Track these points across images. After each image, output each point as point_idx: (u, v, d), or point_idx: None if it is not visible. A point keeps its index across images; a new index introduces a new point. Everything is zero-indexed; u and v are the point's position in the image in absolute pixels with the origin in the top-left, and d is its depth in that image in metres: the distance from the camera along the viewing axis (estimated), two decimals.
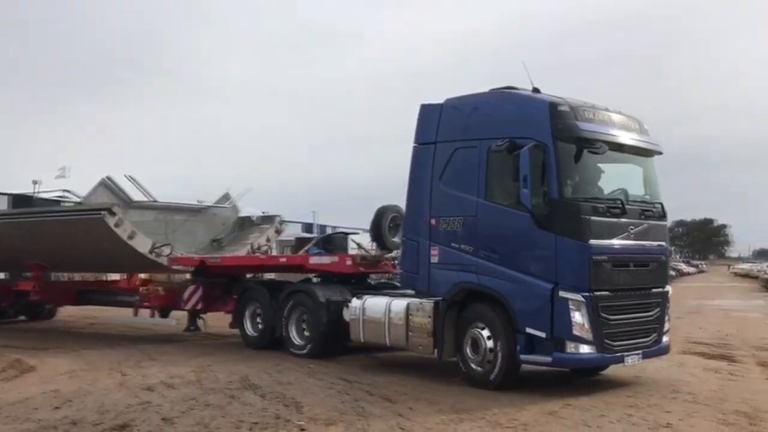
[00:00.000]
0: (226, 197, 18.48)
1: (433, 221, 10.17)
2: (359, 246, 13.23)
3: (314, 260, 12.08)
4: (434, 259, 10.14)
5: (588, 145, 8.98)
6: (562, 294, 8.76)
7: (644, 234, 9.51)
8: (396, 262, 12.74)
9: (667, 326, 9.98)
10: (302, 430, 7.30)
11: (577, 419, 7.79)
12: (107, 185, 18.65)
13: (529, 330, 9.00)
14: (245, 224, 17.77)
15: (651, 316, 9.62)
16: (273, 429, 7.31)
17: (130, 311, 16.57)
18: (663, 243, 9.95)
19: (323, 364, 11.19)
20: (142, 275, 17.09)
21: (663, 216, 9.94)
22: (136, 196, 18.27)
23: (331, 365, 11.12)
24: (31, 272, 17.19)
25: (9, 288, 18.38)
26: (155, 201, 17.15)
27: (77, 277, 20.29)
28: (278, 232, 17.11)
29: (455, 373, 9.81)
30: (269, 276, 14.88)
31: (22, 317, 19.30)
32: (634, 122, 9.90)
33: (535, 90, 9.59)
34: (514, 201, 9.24)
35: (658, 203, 9.91)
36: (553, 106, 9.08)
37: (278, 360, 11.53)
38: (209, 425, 7.40)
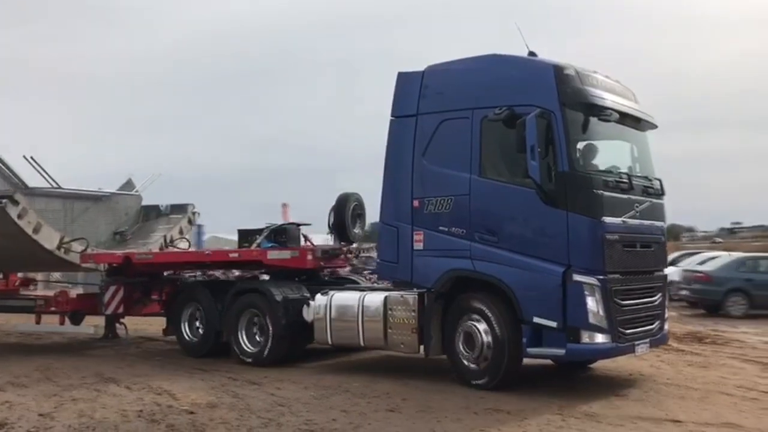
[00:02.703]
0: (129, 184, 16.19)
1: (416, 203, 9.02)
2: (306, 238, 11.82)
3: (273, 255, 10.55)
4: (418, 246, 8.99)
5: (598, 112, 8.12)
6: (576, 277, 7.82)
7: (648, 212, 8.76)
8: (355, 254, 11.57)
9: (667, 313, 9.29)
10: (191, 413, 7.27)
11: None
12: None
13: (536, 320, 8.01)
14: (150, 214, 15.62)
15: (655, 301, 8.86)
16: (161, 415, 7.23)
17: (27, 317, 14.19)
18: (663, 223, 9.25)
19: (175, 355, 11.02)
20: (20, 275, 14.76)
21: (662, 193, 9.23)
22: (33, 181, 15.53)
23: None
24: None
25: None
26: (59, 187, 14.73)
27: None
28: (191, 222, 15.27)
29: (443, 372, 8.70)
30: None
31: None
32: (631, 93, 9.17)
33: (531, 54, 8.67)
34: (515, 176, 8.31)
35: (657, 179, 9.19)
36: (558, 70, 8.16)
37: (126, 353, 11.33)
38: (93, 416, 7.23)
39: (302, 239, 11.63)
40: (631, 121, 8.83)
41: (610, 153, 8.89)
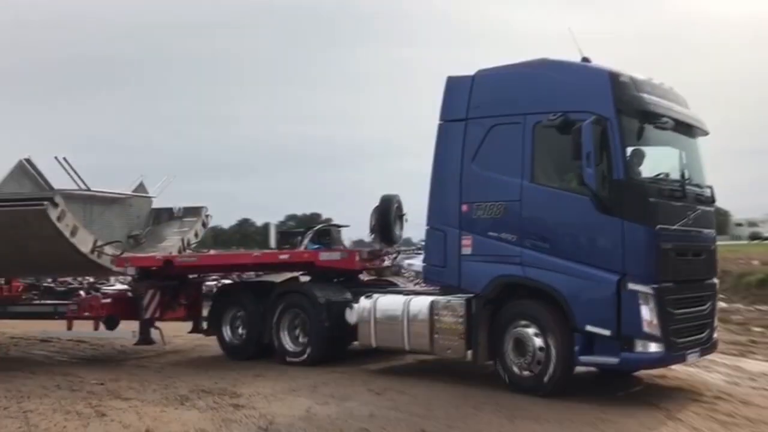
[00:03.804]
0: (141, 186, 15.98)
1: (464, 207, 8.99)
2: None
3: (324, 256, 10.60)
4: (466, 250, 8.96)
5: (654, 119, 8.06)
6: (631, 286, 7.77)
7: (699, 220, 8.69)
8: (393, 257, 11.59)
9: (716, 321, 9.22)
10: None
11: None
12: (26, 170, 15.53)
13: (589, 328, 7.97)
14: (162, 217, 15.42)
15: (705, 309, 8.79)
16: (80, 392, 8.14)
17: (51, 323, 14.12)
18: (713, 230, 9.18)
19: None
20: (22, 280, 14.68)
21: (713, 201, 9.15)
22: (58, 183, 15.35)
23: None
24: None
25: None
26: (87, 189, 14.59)
27: None
28: (205, 225, 15.09)
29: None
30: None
31: None
32: (683, 99, 9.09)
33: (585, 59, 8.60)
34: (568, 183, 8.27)
35: (708, 187, 9.11)
36: (614, 77, 8.10)
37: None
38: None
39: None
40: (684, 127, 8.74)
41: (663, 160, 8.79)
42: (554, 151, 8.38)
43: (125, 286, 15.66)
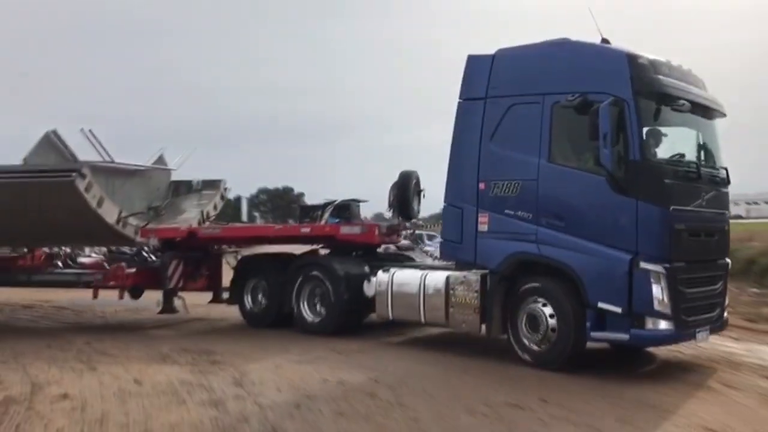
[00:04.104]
0: (161, 159, 16.17)
1: (482, 185, 9.18)
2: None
3: (345, 230, 10.90)
4: (483, 227, 9.17)
5: (671, 101, 8.17)
6: (643, 265, 7.95)
7: (712, 201, 8.83)
8: (410, 231, 11.83)
9: (727, 300, 9.39)
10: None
11: None
12: (52, 142, 15.78)
13: (601, 305, 8.17)
14: (180, 189, 15.66)
15: (716, 289, 8.98)
16: (70, 351, 9.31)
17: (75, 292, 14.50)
18: (726, 211, 9.31)
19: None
20: (45, 249, 14.99)
21: (728, 182, 9.27)
22: (83, 155, 15.61)
23: None
24: None
25: None
26: (112, 161, 14.83)
27: None
28: (223, 198, 15.34)
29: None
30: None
31: None
32: (701, 81, 9.17)
33: (605, 41, 8.70)
34: (585, 162, 8.41)
35: (723, 168, 9.23)
36: (632, 58, 8.20)
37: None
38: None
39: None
40: (701, 109, 8.84)
41: (679, 141, 8.91)
42: (572, 131, 8.51)
43: (101, 257, 16.00)
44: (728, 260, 9.40)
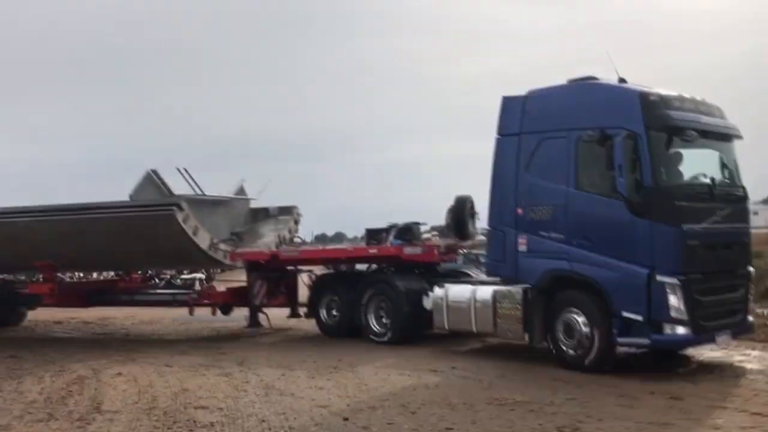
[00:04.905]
0: (242, 190, 17.95)
1: (519, 210, 10.45)
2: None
3: (408, 250, 12.41)
4: (522, 248, 10.43)
5: (679, 133, 9.24)
6: (659, 278, 9.06)
7: (729, 217, 9.81)
8: (465, 251, 13.16)
9: (751, 306, 10.32)
10: None
11: None
12: (151, 180, 17.84)
13: (625, 314, 9.31)
14: (259, 216, 17.23)
15: (737, 296, 9.95)
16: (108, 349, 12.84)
17: (175, 310, 16.51)
18: (746, 224, 10.25)
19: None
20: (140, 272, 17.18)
21: (745, 198, 10.23)
22: (177, 189, 17.62)
23: None
24: (37, 272, 16.61)
25: (11, 291, 17.29)
26: (204, 195, 16.75)
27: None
28: (296, 223, 16.79)
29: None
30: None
31: None
32: (715, 109, 10.16)
33: (621, 80, 9.84)
34: (607, 189, 9.53)
35: (741, 186, 10.19)
36: (644, 97, 9.34)
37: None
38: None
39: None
40: (714, 135, 9.86)
41: (696, 164, 9.94)
42: (594, 162, 9.66)
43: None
44: (750, 269, 10.33)
